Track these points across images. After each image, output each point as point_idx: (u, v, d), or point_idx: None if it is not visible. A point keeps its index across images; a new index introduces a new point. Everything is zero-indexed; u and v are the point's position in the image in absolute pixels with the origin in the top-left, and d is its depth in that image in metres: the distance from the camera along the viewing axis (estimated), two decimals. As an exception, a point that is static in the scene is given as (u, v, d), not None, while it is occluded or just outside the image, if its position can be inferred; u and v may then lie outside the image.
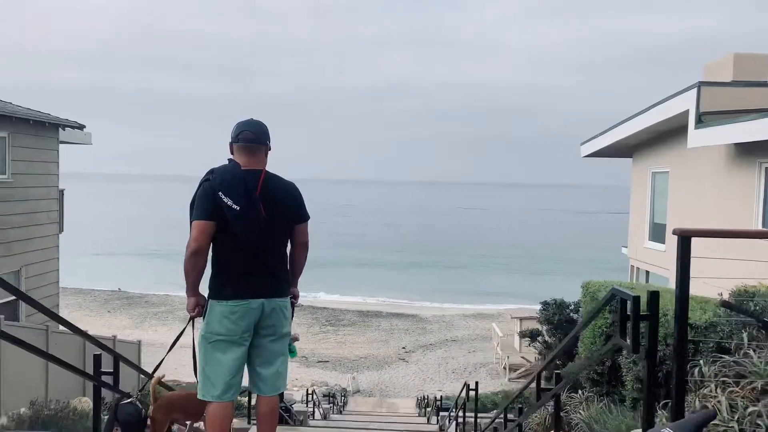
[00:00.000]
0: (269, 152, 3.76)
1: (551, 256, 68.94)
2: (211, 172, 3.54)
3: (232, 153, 3.69)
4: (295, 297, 3.99)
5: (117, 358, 5.61)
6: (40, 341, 11.43)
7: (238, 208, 3.39)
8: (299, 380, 24.82)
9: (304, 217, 3.77)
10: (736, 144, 11.02)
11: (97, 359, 5.51)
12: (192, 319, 3.78)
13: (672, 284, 11.60)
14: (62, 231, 14.73)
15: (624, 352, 9.46)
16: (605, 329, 10.60)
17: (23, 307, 13.05)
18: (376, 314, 35.51)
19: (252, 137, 3.62)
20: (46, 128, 13.66)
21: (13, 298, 13.26)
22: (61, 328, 15.04)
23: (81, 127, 14.49)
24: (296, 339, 4.48)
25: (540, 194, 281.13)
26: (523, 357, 25.08)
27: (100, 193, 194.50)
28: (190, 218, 3.49)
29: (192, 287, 3.58)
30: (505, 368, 25.83)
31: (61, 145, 14.83)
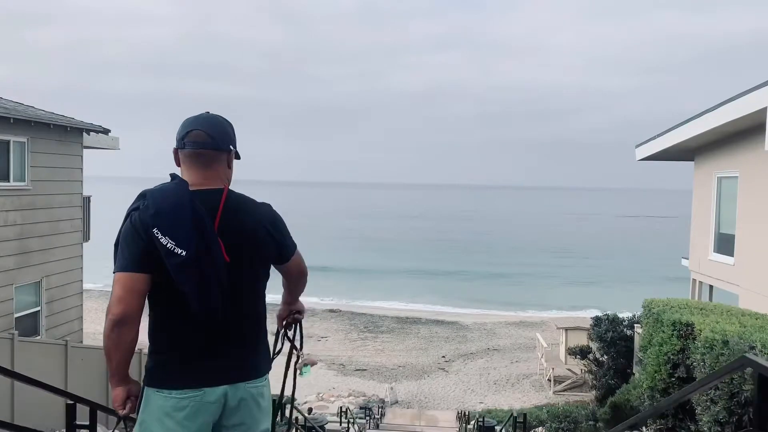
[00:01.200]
0: (234, 162, 2.50)
1: (602, 263, 66.61)
2: (143, 196, 2.29)
3: (178, 165, 2.43)
4: (300, 312, 2.85)
5: (94, 409, 4.62)
6: (59, 357, 10.58)
7: (183, 253, 2.17)
8: (336, 389, 23.89)
9: (290, 250, 2.55)
10: (821, 146, 9.54)
11: (70, 410, 4.51)
12: (121, 420, 2.44)
13: (743, 302, 9.85)
14: (88, 239, 13.97)
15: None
16: (672, 356, 9.25)
17: (43, 320, 12.30)
18: (415, 321, 34.30)
19: (205, 139, 2.37)
20: (68, 133, 12.89)
21: (35, 309, 12.53)
22: (84, 341, 14.34)
23: (106, 131, 13.69)
24: (313, 363, 3.29)
25: (593, 198, 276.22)
26: (569, 369, 23.66)
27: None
28: (114, 267, 2.25)
29: (118, 372, 2.32)
30: (549, 380, 24.45)
31: (89, 151, 14.13)
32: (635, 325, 13.84)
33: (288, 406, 6.05)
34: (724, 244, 12.83)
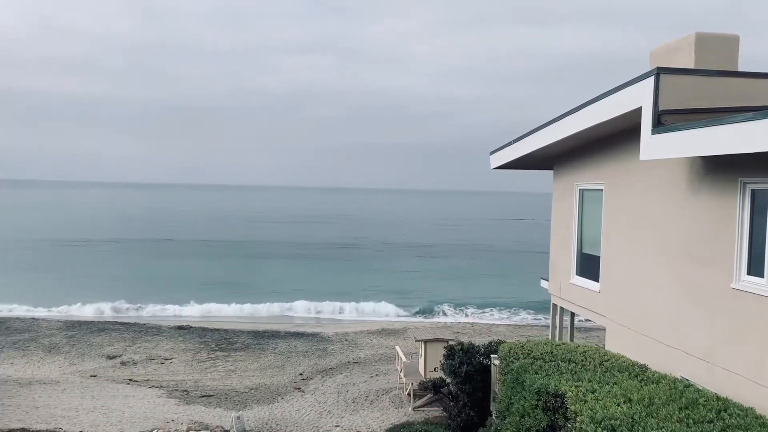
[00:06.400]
0: None
1: (461, 267, 66.07)
2: None
3: None
4: None
5: None
6: None
7: None
8: (175, 422, 20.07)
9: None
10: (704, 156, 7.45)
11: None
12: None
13: (611, 338, 7.03)
14: None
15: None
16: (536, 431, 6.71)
17: None
18: (273, 335, 30.81)
19: None
20: None
21: None
22: None
23: None
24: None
25: (458, 202, 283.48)
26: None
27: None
28: None
29: None
30: (409, 395, 22.16)
31: None
32: (492, 355, 11.46)
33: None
34: (588, 266, 10.66)
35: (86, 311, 36.33)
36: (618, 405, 5.51)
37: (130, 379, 23.63)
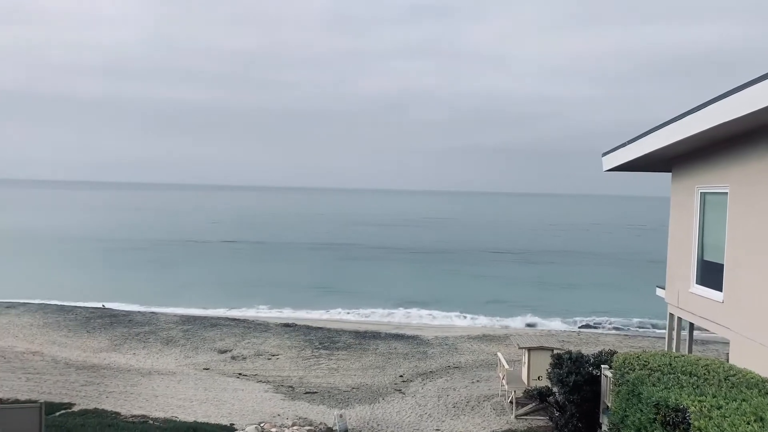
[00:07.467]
0: None
1: (566, 274, 64.06)
2: None
3: None
4: None
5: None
6: None
7: None
8: (281, 417, 20.85)
9: None
10: None
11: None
12: None
13: (735, 351, 6.50)
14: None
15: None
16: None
17: None
18: (374, 335, 31.26)
19: None
20: None
21: None
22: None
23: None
24: None
25: (560, 205, 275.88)
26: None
27: (92, 202, 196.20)
28: None
29: None
30: (511, 403, 21.70)
31: None
32: (603, 365, 11.03)
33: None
34: (710, 274, 10.02)
35: (198, 307, 38.47)
36: (748, 423, 5.16)
37: (240, 373, 24.77)
